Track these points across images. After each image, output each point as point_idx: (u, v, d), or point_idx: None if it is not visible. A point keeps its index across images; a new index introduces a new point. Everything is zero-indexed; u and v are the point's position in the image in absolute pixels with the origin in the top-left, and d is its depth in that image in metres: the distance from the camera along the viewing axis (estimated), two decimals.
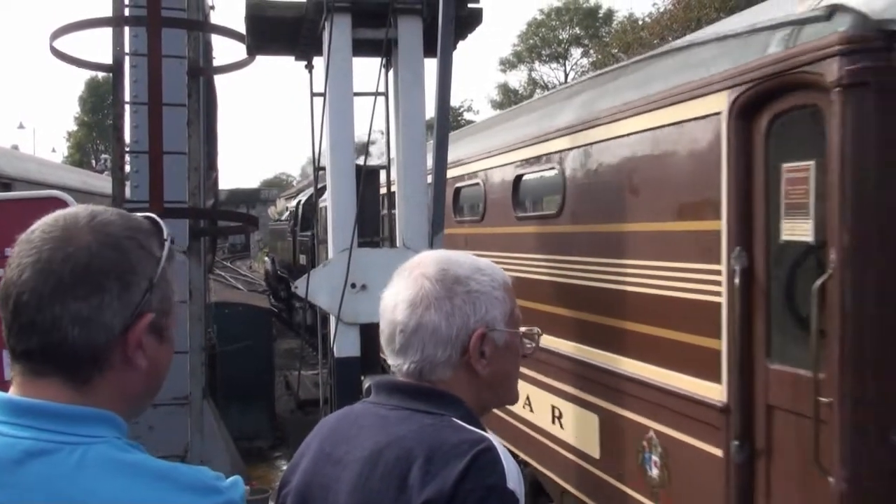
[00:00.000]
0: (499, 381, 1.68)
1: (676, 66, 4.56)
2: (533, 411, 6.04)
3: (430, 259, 1.66)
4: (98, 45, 5.56)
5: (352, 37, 5.95)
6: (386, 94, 6.71)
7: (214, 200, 11.90)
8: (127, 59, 5.03)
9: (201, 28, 5.55)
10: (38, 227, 1.17)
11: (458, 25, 5.69)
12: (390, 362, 1.66)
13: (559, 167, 5.62)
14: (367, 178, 6.36)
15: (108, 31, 4.66)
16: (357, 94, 6.20)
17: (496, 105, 52.05)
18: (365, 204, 6.32)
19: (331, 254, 6.06)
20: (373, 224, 7.17)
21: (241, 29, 6.02)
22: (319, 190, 8.10)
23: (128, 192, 6.06)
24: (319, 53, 6.41)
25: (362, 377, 6.12)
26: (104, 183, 16.27)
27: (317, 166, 6.98)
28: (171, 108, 4.58)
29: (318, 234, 9.04)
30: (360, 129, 6.28)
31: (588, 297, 5.22)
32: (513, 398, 1.75)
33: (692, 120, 4.23)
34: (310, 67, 7.09)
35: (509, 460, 1.49)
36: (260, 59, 6.63)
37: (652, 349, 4.54)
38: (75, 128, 65.94)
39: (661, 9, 31.69)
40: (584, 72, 47.20)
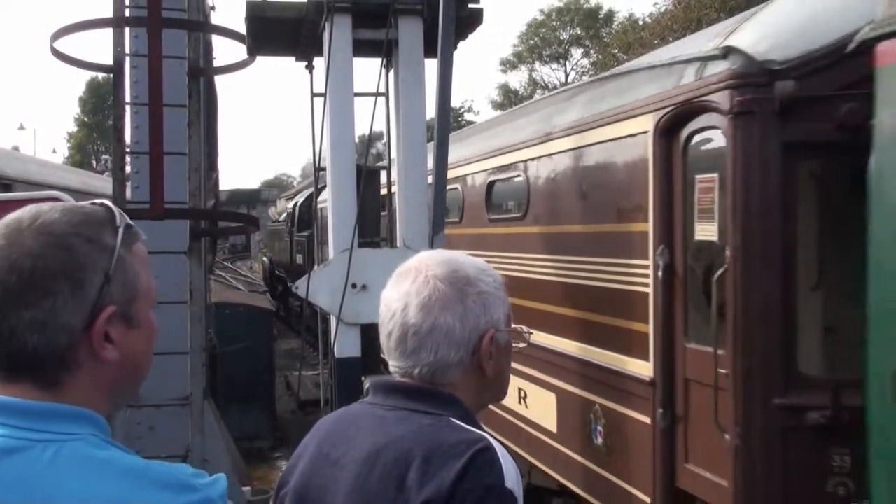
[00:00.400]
0: (498, 379, 1.69)
1: (617, 90, 5.33)
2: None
3: (437, 260, 1.64)
4: (98, 46, 5.56)
5: (352, 37, 5.95)
6: (386, 95, 6.71)
7: (215, 201, 11.90)
8: (127, 59, 5.02)
9: (202, 29, 5.54)
10: None
11: (458, 26, 5.69)
12: (397, 364, 1.63)
13: (524, 175, 6.36)
14: (367, 178, 6.36)
15: (108, 32, 4.66)
16: (357, 95, 6.21)
17: (497, 105, 52.00)
18: (365, 204, 6.32)
19: (331, 254, 6.06)
20: (373, 224, 7.17)
21: (242, 29, 6.03)
22: (318, 190, 8.10)
23: (128, 193, 6.06)
24: (320, 54, 6.41)
25: (363, 377, 6.11)
26: (105, 184, 16.29)
27: (317, 167, 6.98)
28: (172, 109, 4.57)
29: (316, 235, 9.06)
30: (361, 129, 6.29)
31: (547, 290, 5.86)
32: (505, 395, 1.76)
33: (626, 137, 4.98)
34: (310, 68, 7.09)
35: (508, 460, 1.49)
36: (260, 59, 6.63)
37: (598, 334, 5.25)
38: (76, 129, 65.96)
39: (662, 9, 31.69)
40: (584, 72, 47.21)
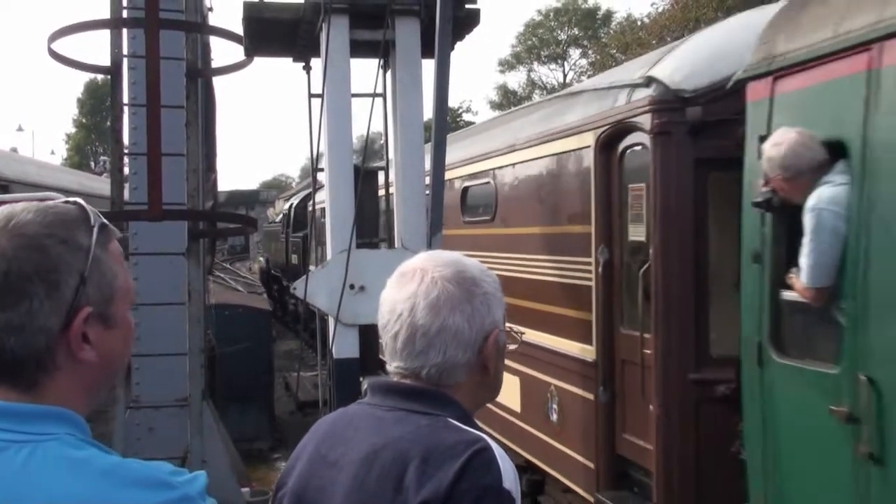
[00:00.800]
0: (496, 379, 1.70)
1: (568, 108, 6.08)
2: None
3: (442, 261, 1.64)
4: (96, 48, 5.56)
5: (349, 38, 5.94)
6: (384, 96, 6.70)
7: (213, 202, 11.89)
8: (125, 61, 5.03)
9: (199, 30, 5.55)
10: None
11: (455, 26, 5.68)
12: (404, 365, 1.61)
13: (493, 181, 7.16)
14: (365, 179, 6.36)
15: (106, 34, 4.66)
16: (355, 96, 6.20)
17: (495, 106, 52.00)
18: (363, 205, 6.32)
19: (329, 255, 6.05)
20: (371, 225, 7.17)
21: (239, 31, 6.03)
22: (311, 194, 8.12)
23: (127, 194, 6.06)
24: (317, 55, 6.40)
25: (361, 378, 6.11)
26: (103, 185, 16.27)
27: (315, 167, 6.98)
28: (170, 110, 4.57)
29: (309, 235, 9.11)
30: (359, 130, 6.29)
31: (513, 286, 6.25)
32: (498, 393, 1.76)
33: (574, 150, 5.73)
34: (308, 69, 7.08)
35: (505, 460, 1.49)
36: (258, 60, 6.63)
37: (553, 323, 5.90)
38: (74, 130, 65.90)
39: (660, 9, 31.71)
40: (583, 72, 47.22)
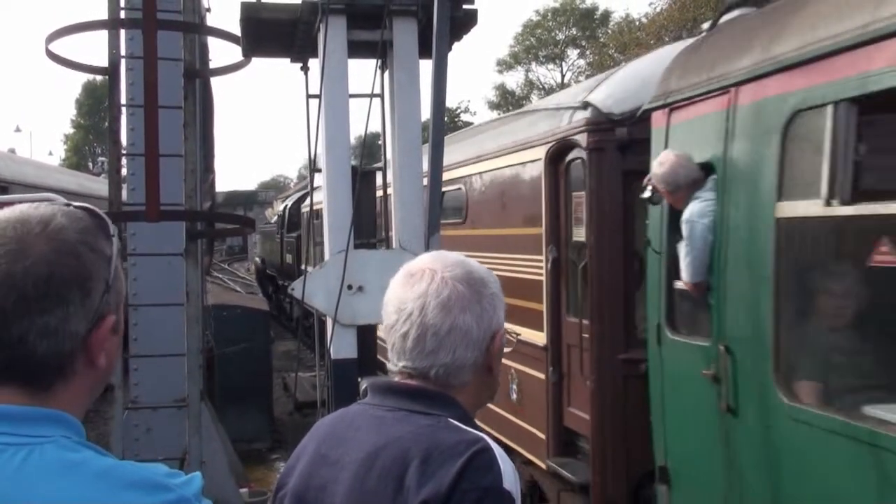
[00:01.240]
0: (496, 379, 1.70)
1: (527, 124, 6.99)
2: None
3: (450, 261, 1.65)
4: (94, 48, 5.55)
5: (347, 38, 5.93)
6: (382, 96, 6.70)
7: (211, 203, 11.90)
8: (123, 61, 5.02)
9: (197, 30, 5.53)
10: None
11: (453, 26, 5.68)
12: (412, 365, 1.61)
13: (464, 188, 8.10)
14: (363, 179, 6.35)
15: (103, 34, 4.65)
16: (353, 96, 6.19)
17: (493, 106, 52.03)
18: (361, 205, 6.31)
19: (327, 255, 6.05)
20: (369, 226, 7.17)
21: (237, 31, 6.02)
22: (306, 195, 8.16)
23: (124, 195, 6.05)
24: (315, 55, 6.39)
25: (360, 379, 6.11)
26: (101, 186, 16.27)
27: (312, 168, 6.97)
28: (168, 111, 4.55)
29: (304, 236, 9.20)
30: (356, 130, 6.28)
31: None
32: (496, 394, 1.76)
33: (529, 162, 6.63)
34: (305, 69, 7.07)
35: (506, 461, 1.49)
36: (256, 61, 6.62)
37: (514, 314, 6.21)
38: (72, 131, 65.89)
39: (658, 9, 31.73)
40: (581, 72, 47.21)
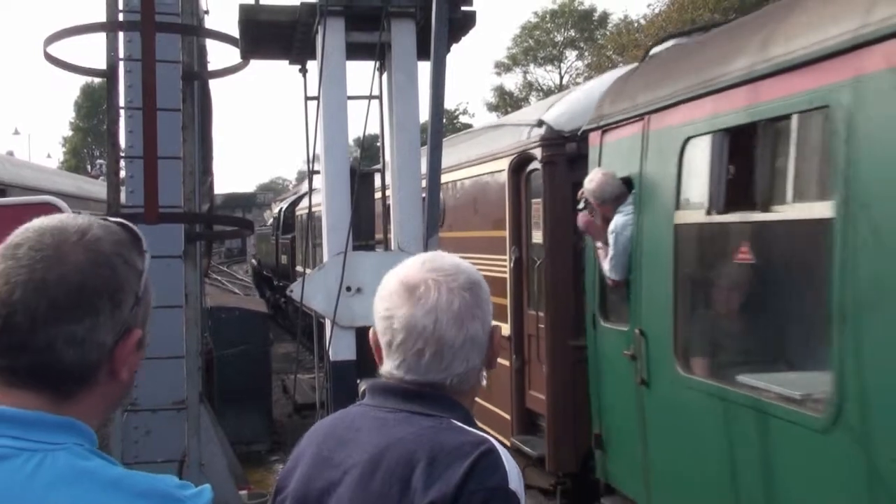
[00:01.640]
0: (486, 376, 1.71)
1: (495, 137, 8.01)
2: None
3: (448, 269, 1.62)
4: (93, 51, 5.55)
5: (345, 40, 5.94)
6: (380, 98, 6.70)
7: (210, 205, 11.90)
8: (121, 64, 5.01)
9: (196, 33, 5.53)
10: (23, 241, 1.13)
11: (451, 28, 5.68)
12: (424, 380, 1.59)
13: (443, 194, 8.44)
14: (361, 181, 6.36)
15: (102, 37, 4.65)
16: (351, 98, 6.19)
17: (492, 108, 52.04)
18: (359, 207, 6.32)
19: (325, 257, 6.05)
20: (367, 227, 7.17)
21: (235, 33, 6.03)
22: (300, 198, 8.20)
23: (123, 198, 6.04)
24: (313, 57, 6.40)
25: (358, 380, 6.11)
26: (99, 188, 16.25)
27: (311, 170, 6.98)
28: (166, 113, 4.55)
29: (299, 237, 9.33)
30: (355, 132, 6.27)
31: None
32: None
33: (495, 172, 7.60)
34: (304, 71, 7.07)
35: (510, 462, 1.50)
36: (254, 63, 6.62)
37: None
38: (70, 133, 65.87)
39: (656, 10, 31.78)
40: (579, 74, 47.23)
